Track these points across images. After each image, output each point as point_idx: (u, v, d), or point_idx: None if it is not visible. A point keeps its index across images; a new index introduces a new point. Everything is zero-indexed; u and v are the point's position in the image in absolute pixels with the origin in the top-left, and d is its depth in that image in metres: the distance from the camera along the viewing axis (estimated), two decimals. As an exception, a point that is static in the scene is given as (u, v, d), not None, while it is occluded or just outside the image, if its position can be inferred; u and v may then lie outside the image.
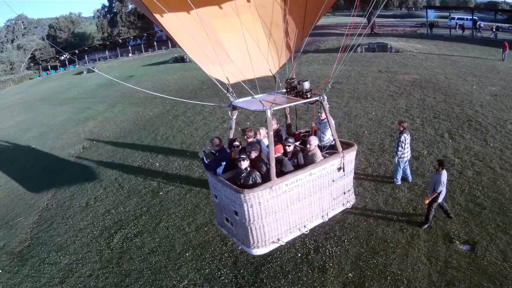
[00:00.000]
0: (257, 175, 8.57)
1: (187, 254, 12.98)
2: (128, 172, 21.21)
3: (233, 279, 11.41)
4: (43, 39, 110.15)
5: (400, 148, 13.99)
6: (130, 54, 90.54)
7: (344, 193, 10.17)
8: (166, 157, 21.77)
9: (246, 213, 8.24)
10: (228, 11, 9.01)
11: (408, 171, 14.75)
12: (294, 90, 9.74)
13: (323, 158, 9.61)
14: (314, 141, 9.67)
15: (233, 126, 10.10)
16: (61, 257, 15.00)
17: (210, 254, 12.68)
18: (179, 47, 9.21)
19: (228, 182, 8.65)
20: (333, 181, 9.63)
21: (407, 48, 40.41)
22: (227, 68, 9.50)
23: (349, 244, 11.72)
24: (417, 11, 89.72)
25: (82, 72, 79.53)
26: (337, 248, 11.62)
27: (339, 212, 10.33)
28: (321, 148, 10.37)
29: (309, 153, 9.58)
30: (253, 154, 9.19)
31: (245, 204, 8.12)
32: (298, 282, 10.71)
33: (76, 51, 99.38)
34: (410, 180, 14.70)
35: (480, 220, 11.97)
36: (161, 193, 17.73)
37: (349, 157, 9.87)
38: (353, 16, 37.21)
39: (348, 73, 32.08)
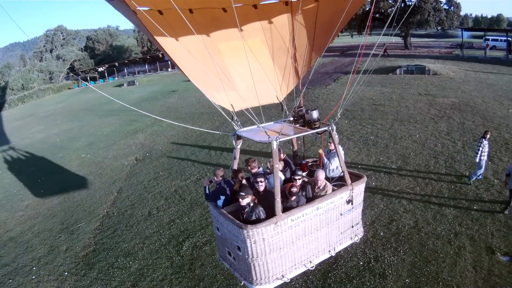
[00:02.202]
0: (260, 211, 8.26)
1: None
2: (187, 185, 21.96)
3: (303, 284, 12.63)
4: (82, 50, 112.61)
5: (480, 149, 16.41)
6: (169, 69, 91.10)
7: (352, 227, 9.87)
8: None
9: (249, 249, 7.97)
10: (235, 35, 8.65)
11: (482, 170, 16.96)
12: (301, 119, 9.55)
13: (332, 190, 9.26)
14: (321, 175, 9.31)
15: (237, 156, 9.74)
16: (130, 262, 16.00)
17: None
18: (181, 71, 8.80)
19: (230, 216, 8.38)
20: (341, 214, 9.31)
21: (444, 70, 40.68)
22: (232, 95, 9.23)
23: (404, 254, 13.05)
24: (451, 30, 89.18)
25: (122, 85, 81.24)
26: (394, 258, 12.96)
27: (348, 246, 10.19)
28: (329, 179, 10.03)
29: (318, 188, 9.28)
30: (262, 186, 9.00)
31: (248, 240, 7.86)
32: (362, 287, 12.00)
33: (116, 63, 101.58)
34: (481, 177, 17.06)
35: (518, 235, 13.25)
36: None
37: (358, 189, 9.56)
38: (365, 35, 37.42)
39: (389, 95, 32.90)
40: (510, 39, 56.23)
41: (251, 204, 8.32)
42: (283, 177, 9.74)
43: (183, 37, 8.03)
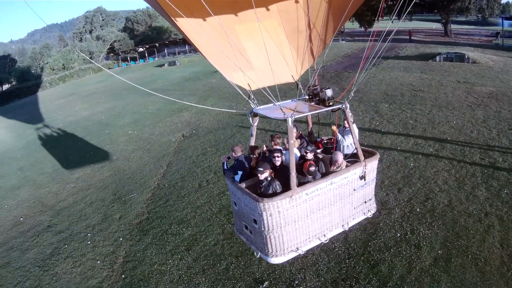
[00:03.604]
0: (277, 184, 8.54)
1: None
2: (235, 160, 22.94)
3: (346, 251, 13.77)
4: (121, 31, 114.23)
5: None
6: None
7: (365, 202, 10.09)
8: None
9: (265, 222, 8.22)
10: (250, 17, 8.79)
11: None
12: (316, 98, 9.69)
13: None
14: (339, 156, 9.49)
15: (254, 133, 9.99)
16: (183, 229, 17.23)
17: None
18: (199, 52, 8.97)
19: (247, 190, 8.65)
20: (354, 190, 9.53)
21: (483, 59, 40.15)
22: (249, 75, 9.32)
23: (438, 229, 13.97)
24: (492, 18, 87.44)
25: (163, 65, 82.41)
26: (429, 231, 13.91)
27: (361, 221, 10.50)
28: (344, 157, 10.12)
29: (336, 167, 9.45)
30: (278, 161, 9.36)
31: (264, 213, 8.10)
32: (399, 255, 13.03)
33: (156, 44, 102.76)
34: None
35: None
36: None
37: (371, 165, 9.77)
38: (377, 20, 37.01)
39: (429, 82, 32.94)
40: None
41: (269, 178, 8.69)
42: (298, 154, 10.00)
43: (201, 19, 8.28)
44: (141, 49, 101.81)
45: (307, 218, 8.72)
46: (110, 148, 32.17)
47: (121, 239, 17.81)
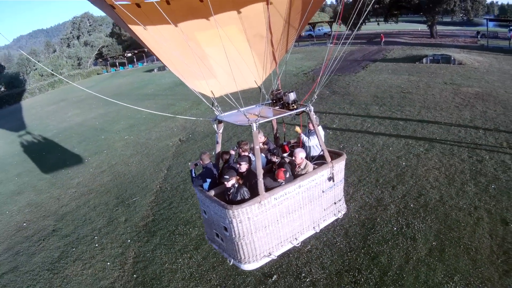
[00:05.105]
0: (245, 191, 8.51)
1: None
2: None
3: (347, 245, 14.75)
4: (109, 37, 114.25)
5: None
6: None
7: (335, 203, 10.04)
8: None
9: (236, 229, 8.12)
10: (211, 23, 8.67)
11: None
12: (280, 102, 9.63)
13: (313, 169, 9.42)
14: (300, 153, 9.51)
15: (219, 140, 9.94)
16: (190, 229, 17.80)
17: (333, 226, 15.40)
18: (159, 60, 8.97)
19: (216, 198, 8.57)
20: (323, 192, 9.49)
21: (469, 60, 41.22)
22: (212, 82, 9.32)
23: (431, 222, 14.99)
24: (476, 18, 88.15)
25: (153, 70, 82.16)
26: (423, 225, 14.95)
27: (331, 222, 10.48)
28: (309, 158, 10.20)
29: (299, 167, 9.47)
30: (243, 167, 9.25)
31: (234, 220, 8.00)
32: (397, 247, 14.04)
33: (145, 49, 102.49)
34: None
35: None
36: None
37: (339, 166, 9.74)
38: (337, 24, 37.01)
39: (417, 84, 33.92)
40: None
41: (236, 185, 8.63)
42: (265, 158, 10.00)
43: (162, 29, 8.12)
44: (129, 54, 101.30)
45: (278, 222, 8.66)
46: (108, 153, 32.49)
47: (129, 240, 18.32)
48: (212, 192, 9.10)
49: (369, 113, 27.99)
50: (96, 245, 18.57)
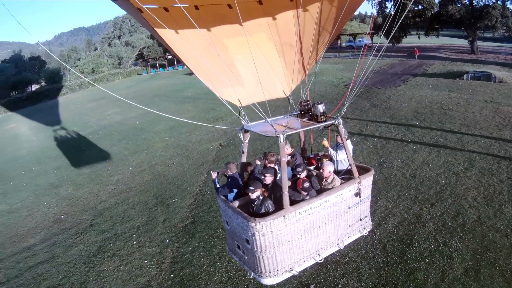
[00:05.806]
0: (269, 204, 8.30)
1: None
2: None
3: (384, 259, 14.75)
4: (150, 38, 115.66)
5: None
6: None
7: (361, 220, 9.77)
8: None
9: (258, 242, 7.95)
10: (240, 30, 8.47)
11: None
12: (308, 113, 9.37)
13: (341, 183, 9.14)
14: (328, 167, 9.29)
15: (245, 150, 9.88)
16: None
17: (371, 239, 15.72)
18: (186, 66, 8.80)
19: (239, 210, 8.38)
20: (349, 207, 9.21)
21: (510, 79, 40.32)
22: (239, 90, 9.18)
23: (468, 242, 14.90)
24: None
25: (193, 73, 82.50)
26: (460, 244, 14.88)
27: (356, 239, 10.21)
28: (336, 172, 9.90)
29: (326, 181, 9.27)
30: (268, 179, 9.06)
31: (256, 233, 7.83)
32: (433, 264, 14.02)
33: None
34: None
35: None
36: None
37: (366, 182, 9.42)
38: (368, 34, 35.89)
39: (457, 101, 33.45)
40: None
41: (261, 197, 8.44)
42: (291, 172, 9.65)
43: (190, 34, 7.96)
44: (170, 56, 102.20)
45: (301, 237, 8.44)
46: (148, 153, 32.79)
47: (167, 240, 18.41)
48: (236, 203, 9.00)
49: (410, 128, 27.73)
50: (134, 242, 18.78)
